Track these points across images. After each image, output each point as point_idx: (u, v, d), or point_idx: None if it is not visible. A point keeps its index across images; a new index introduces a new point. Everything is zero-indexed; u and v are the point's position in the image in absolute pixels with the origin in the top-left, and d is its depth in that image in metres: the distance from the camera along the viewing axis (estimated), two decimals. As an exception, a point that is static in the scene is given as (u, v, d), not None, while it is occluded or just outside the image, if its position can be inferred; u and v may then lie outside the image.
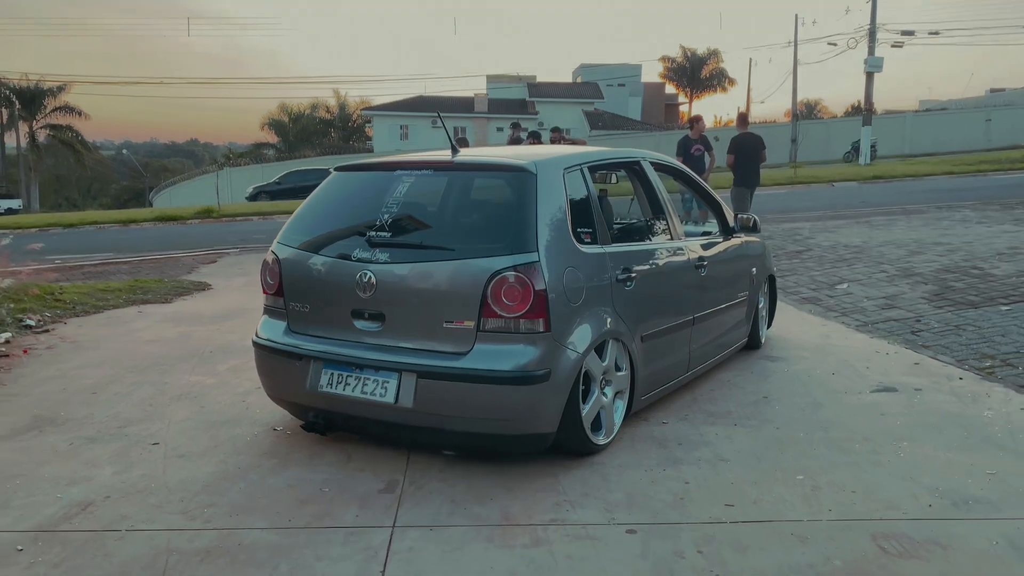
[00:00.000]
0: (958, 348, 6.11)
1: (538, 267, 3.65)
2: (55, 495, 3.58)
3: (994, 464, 3.88)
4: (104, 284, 9.62)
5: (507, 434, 3.72)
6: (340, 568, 2.91)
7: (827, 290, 8.61)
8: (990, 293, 7.64)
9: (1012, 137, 43.87)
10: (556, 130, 14.03)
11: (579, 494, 3.54)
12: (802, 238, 12.40)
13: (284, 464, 3.95)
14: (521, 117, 48.95)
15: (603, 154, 4.80)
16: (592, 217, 4.18)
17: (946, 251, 10.07)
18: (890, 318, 7.18)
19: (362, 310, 3.91)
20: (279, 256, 4.27)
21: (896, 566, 2.91)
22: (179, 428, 4.48)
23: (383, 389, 3.77)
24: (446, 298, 3.75)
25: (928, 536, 3.14)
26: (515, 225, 3.79)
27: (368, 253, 3.92)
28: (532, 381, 3.61)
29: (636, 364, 4.26)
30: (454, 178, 4.49)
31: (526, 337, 3.64)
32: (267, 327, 4.31)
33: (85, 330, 7.19)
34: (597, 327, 3.92)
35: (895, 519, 3.30)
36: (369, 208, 4.17)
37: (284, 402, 4.32)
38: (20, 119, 57.76)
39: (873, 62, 39.06)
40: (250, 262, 12.52)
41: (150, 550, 3.07)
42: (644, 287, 4.35)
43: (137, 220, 23.99)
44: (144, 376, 5.57)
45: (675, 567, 2.90)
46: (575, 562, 2.95)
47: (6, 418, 4.65)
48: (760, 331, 6.21)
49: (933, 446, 4.14)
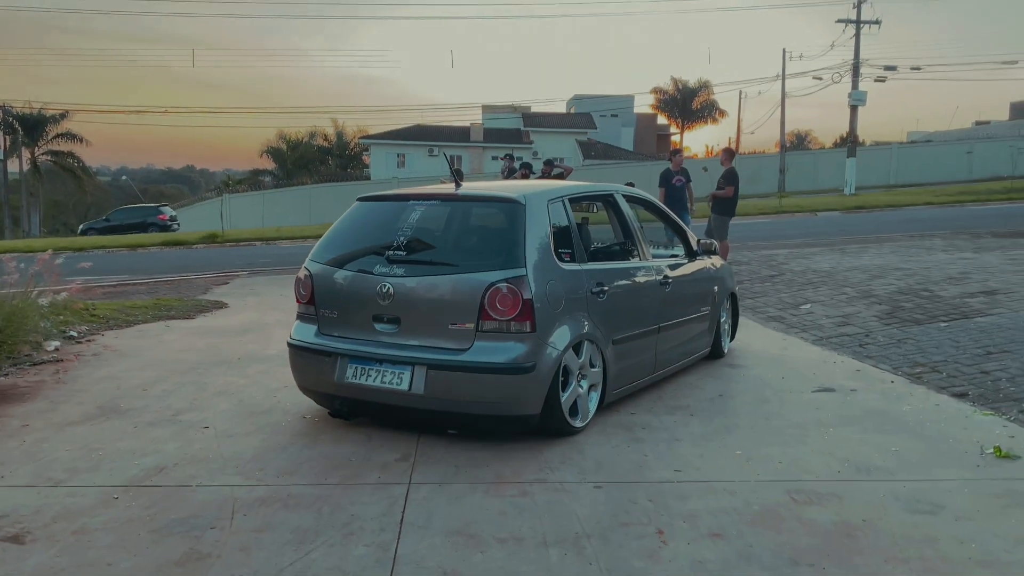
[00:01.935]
0: (896, 358, 6.99)
1: (526, 280, 4.53)
2: (134, 462, 4.41)
3: (899, 444, 4.74)
4: (130, 302, 10.46)
5: (500, 415, 4.58)
6: (370, 510, 3.75)
7: (792, 310, 9.49)
8: (934, 312, 8.53)
9: (994, 168, 45.04)
10: (548, 163, 15.01)
11: (558, 461, 4.39)
12: (776, 263, 13.29)
13: (315, 442, 4.79)
14: (516, 146, 50.14)
15: (582, 188, 5.72)
16: (571, 240, 5.07)
17: (904, 275, 10.97)
18: (843, 333, 8.06)
19: (381, 315, 4.78)
20: (311, 271, 5.13)
21: (800, 510, 3.76)
22: (224, 416, 5.32)
23: (399, 379, 4.62)
24: (451, 305, 4.62)
25: (831, 491, 3.99)
26: (507, 246, 4.68)
27: (387, 268, 4.80)
28: (521, 372, 4.48)
29: (608, 362, 5.12)
30: (457, 207, 5.37)
31: (516, 336, 4.51)
32: (300, 330, 5.17)
33: (122, 341, 8.02)
34: (574, 330, 4.79)
35: (808, 480, 4.15)
36: (387, 231, 5.05)
37: (313, 393, 5.16)
38: (23, 145, 58.61)
39: (857, 96, 40.32)
40: (260, 284, 13.38)
41: (218, 498, 3.90)
42: (615, 299, 5.22)
43: (145, 245, 24.86)
44: (185, 377, 6.41)
45: (629, 509, 3.75)
46: (552, 506, 3.79)
47: (77, 408, 5.49)
48: (723, 342, 7.07)
49: (853, 431, 4.99)
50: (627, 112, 63.08)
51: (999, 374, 6.22)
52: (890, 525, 3.60)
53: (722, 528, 3.55)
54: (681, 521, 3.62)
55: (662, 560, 3.25)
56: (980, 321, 7.94)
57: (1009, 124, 61.43)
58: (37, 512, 3.73)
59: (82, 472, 4.27)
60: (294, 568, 3.17)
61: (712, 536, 3.47)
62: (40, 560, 3.25)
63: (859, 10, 39.91)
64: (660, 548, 3.36)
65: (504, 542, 3.41)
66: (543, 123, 57.83)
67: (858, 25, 39.89)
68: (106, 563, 3.23)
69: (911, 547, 3.38)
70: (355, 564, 3.21)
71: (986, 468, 4.35)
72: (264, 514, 3.71)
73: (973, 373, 6.33)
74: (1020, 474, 4.25)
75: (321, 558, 3.25)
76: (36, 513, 3.72)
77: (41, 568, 3.18)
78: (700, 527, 3.56)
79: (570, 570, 3.16)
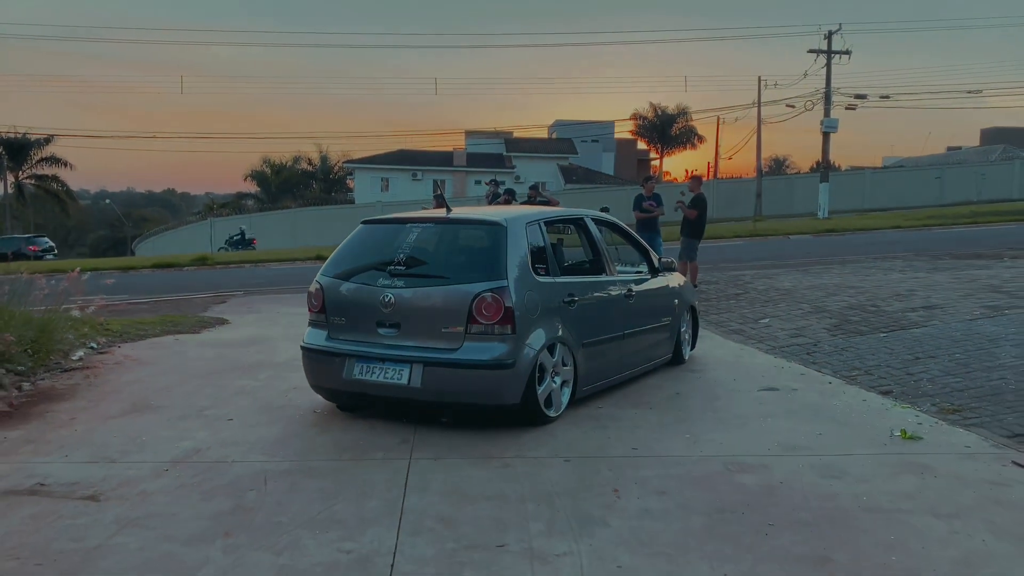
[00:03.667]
0: (838, 363, 7.87)
1: (507, 290, 5.37)
2: (174, 445, 5.19)
3: (824, 430, 5.59)
4: (139, 319, 11.20)
5: (486, 404, 5.41)
6: (379, 477, 4.56)
7: (752, 324, 10.38)
8: (877, 324, 9.45)
9: (964, 193, 46.43)
10: (533, 188, 16.00)
11: (534, 443, 5.21)
12: (743, 283, 14.21)
13: (327, 430, 5.59)
14: (498, 171, 51.09)
15: (556, 212, 6.62)
16: (546, 257, 5.93)
17: (856, 293, 11.90)
18: (795, 343, 8.94)
19: (384, 320, 5.60)
20: (322, 284, 5.95)
21: (732, 476, 4.60)
22: (244, 411, 6.10)
23: (399, 375, 5.43)
24: (443, 311, 5.45)
25: (760, 463, 4.83)
26: (491, 262, 5.53)
27: (388, 281, 5.63)
28: (503, 367, 5.30)
29: (578, 363, 5.96)
30: (448, 229, 6.21)
31: (499, 338, 5.34)
32: (312, 335, 5.97)
33: (138, 352, 8.77)
34: (549, 334, 5.63)
35: (742, 455, 4.99)
36: (388, 249, 5.88)
37: (324, 389, 5.96)
38: (8, 169, 58.98)
39: (829, 123, 41.70)
40: (257, 302, 14.12)
41: (251, 471, 4.69)
42: (584, 308, 6.07)
43: (136, 267, 25.49)
44: (204, 381, 7.18)
45: (592, 476, 4.58)
46: (529, 474, 4.61)
47: (114, 405, 6.26)
48: (683, 350, 7.92)
49: (788, 421, 5.84)
50: (607, 138, 64.38)
51: (922, 375, 7.12)
52: (803, 485, 4.45)
53: (667, 488, 4.38)
54: (634, 484, 4.45)
55: (616, 509, 4.08)
56: (915, 332, 8.85)
57: (979, 150, 63.28)
58: (103, 480, 4.51)
59: (132, 453, 5.05)
60: (322, 515, 3.97)
61: (658, 493, 4.30)
62: (117, 513, 4.03)
63: (830, 41, 41.39)
64: (615, 501, 4.19)
65: (490, 499, 4.22)
66: (525, 148, 58.96)
67: (829, 55, 41.34)
68: (171, 513, 4.01)
69: (815, 500, 4.23)
70: (371, 513, 4.01)
71: (891, 446, 5.21)
72: (291, 481, 4.51)
73: (900, 375, 7.22)
74: (917, 450, 5.11)
75: (343, 508, 4.06)
76: (103, 481, 4.50)
77: (119, 518, 3.96)
78: (649, 487, 4.39)
79: (543, 516, 3.98)
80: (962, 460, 4.94)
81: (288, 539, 3.71)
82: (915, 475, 4.65)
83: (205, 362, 8.14)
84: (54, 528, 3.85)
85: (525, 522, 3.91)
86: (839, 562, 3.50)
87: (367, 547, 3.62)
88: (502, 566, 3.44)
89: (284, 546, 3.63)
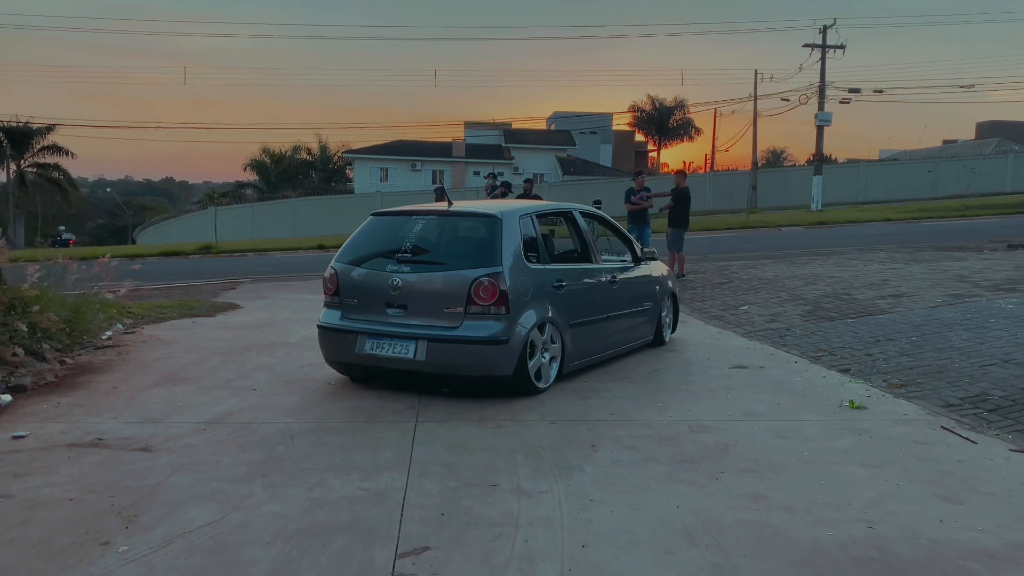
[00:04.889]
0: (806, 346, 8.59)
1: (502, 276, 6.08)
2: (208, 409, 5.91)
3: (782, 400, 6.32)
4: (156, 303, 11.91)
5: (482, 375, 6.13)
6: (390, 434, 5.28)
7: (732, 310, 11.09)
8: (846, 311, 10.17)
9: (957, 187, 47.16)
10: (528, 181, 16.75)
11: (525, 409, 5.94)
12: (729, 273, 14.93)
13: (342, 398, 6.31)
14: (496, 162, 51.74)
15: (547, 206, 7.33)
16: (537, 246, 6.64)
17: (834, 282, 12.62)
18: (769, 328, 9.67)
19: (392, 302, 6.30)
20: (336, 270, 6.65)
21: (694, 435, 5.33)
22: (265, 382, 6.82)
23: (406, 350, 6.15)
24: (445, 294, 6.16)
25: (719, 426, 5.56)
26: (488, 250, 6.24)
27: (396, 267, 6.33)
28: (498, 343, 6.02)
29: (565, 341, 6.68)
30: (449, 220, 6.91)
31: (494, 317, 6.06)
32: (328, 315, 6.68)
33: (161, 332, 9.48)
34: (539, 314, 6.35)
35: (705, 420, 5.72)
36: (396, 239, 6.59)
37: (338, 363, 6.68)
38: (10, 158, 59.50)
39: (823, 117, 42.35)
40: (265, 289, 14.82)
41: (278, 430, 5.41)
42: (571, 293, 6.79)
43: (143, 255, 26.16)
44: (226, 357, 7.89)
45: (573, 434, 5.31)
46: (519, 433, 5.33)
47: (148, 377, 6.97)
48: (664, 332, 8.64)
49: (752, 393, 6.56)
50: (605, 129, 64.95)
51: (879, 356, 7.84)
52: (754, 443, 5.18)
53: (637, 444, 5.11)
54: (609, 441, 5.18)
55: (592, 459, 4.81)
56: (880, 317, 9.58)
57: (974, 144, 63.93)
58: (151, 436, 5.23)
59: (172, 415, 5.77)
60: (343, 463, 4.70)
61: (629, 448, 5.03)
62: (168, 460, 4.75)
63: (824, 35, 42.02)
64: (592, 453, 4.92)
65: (486, 451, 4.95)
66: (524, 139, 59.51)
67: (823, 50, 41.98)
68: (214, 461, 4.74)
69: (763, 454, 4.95)
70: (385, 461, 4.74)
71: (839, 414, 5.94)
72: (315, 437, 5.23)
73: (860, 356, 7.94)
74: (861, 417, 5.84)
75: (360, 458, 4.79)
76: (151, 437, 5.22)
77: (171, 464, 4.68)
78: (621, 443, 5.12)
79: (530, 464, 4.71)
80: (897, 425, 5.67)
81: (316, 480, 4.43)
82: (854, 436, 5.38)
83: (224, 342, 8.85)
84: (118, 471, 4.57)
85: (515, 468, 4.64)
86: (773, 498, 4.23)
87: (383, 485, 4.35)
88: (494, 499, 4.16)
89: (313, 484, 4.36)
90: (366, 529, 3.79)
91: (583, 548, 3.61)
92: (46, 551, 3.55)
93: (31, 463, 4.71)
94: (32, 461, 4.74)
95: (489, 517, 3.94)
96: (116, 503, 4.10)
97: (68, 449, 4.97)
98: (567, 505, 4.10)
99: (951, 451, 5.09)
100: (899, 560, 3.54)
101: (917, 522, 3.95)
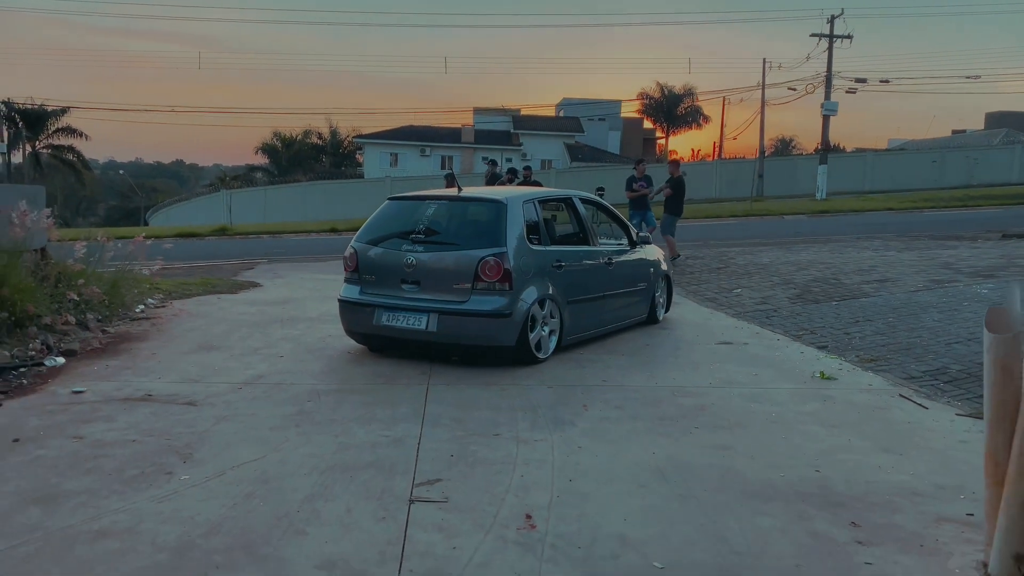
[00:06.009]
0: (790, 325, 9.22)
1: (506, 255, 6.73)
2: (241, 372, 6.60)
3: (759, 371, 6.96)
4: (182, 280, 12.60)
5: (488, 345, 6.80)
6: (405, 394, 5.96)
7: (726, 293, 11.72)
8: (832, 294, 10.79)
9: (963, 177, 47.41)
10: (528, 169, 17.43)
11: (525, 376, 6.60)
12: (727, 259, 15.54)
13: (361, 365, 6.98)
14: (505, 148, 52.27)
15: (548, 192, 7.99)
16: (539, 229, 7.29)
17: (824, 268, 13.23)
18: (758, 309, 10.30)
19: (406, 278, 6.96)
20: (356, 249, 7.31)
21: (675, 399, 5.98)
22: (291, 351, 7.50)
23: (419, 322, 6.81)
24: (455, 271, 6.82)
25: (700, 392, 6.21)
26: (493, 232, 6.89)
27: (411, 247, 6.99)
28: (502, 316, 6.68)
29: (564, 316, 7.33)
30: (459, 205, 7.56)
31: (499, 293, 6.71)
32: (348, 290, 7.35)
33: (189, 307, 10.17)
34: (540, 291, 7.00)
35: (687, 387, 6.37)
36: (410, 221, 7.25)
37: (357, 334, 7.35)
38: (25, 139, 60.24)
39: (829, 106, 42.81)
40: (282, 269, 15.49)
41: (306, 390, 6.09)
42: (570, 272, 7.44)
43: (160, 236, 26.86)
44: (252, 330, 8.57)
45: (568, 396, 5.98)
46: (520, 395, 6.00)
47: (184, 345, 7.66)
48: (658, 311, 9.28)
49: (733, 365, 7.21)
50: (614, 116, 65.36)
51: (856, 334, 8.47)
52: (729, 405, 5.83)
53: (624, 405, 5.77)
54: (599, 402, 5.85)
55: (583, 416, 5.47)
56: (863, 300, 10.20)
57: (981, 134, 64.08)
58: (194, 393, 5.91)
59: (210, 377, 6.45)
60: (365, 416, 5.38)
61: (616, 408, 5.70)
62: (212, 412, 5.44)
63: (832, 25, 42.43)
64: (583, 411, 5.58)
65: (490, 408, 5.63)
66: (532, 126, 59.95)
67: (831, 39, 42.38)
68: (251, 413, 5.42)
69: (735, 415, 5.61)
70: (401, 415, 5.42)
71: (809, 383, 6.58)
72: (339, 396, 5.91)
73: (839, 335, 8.57)
74: (829, 387, 6.48)
75: (381, 412, 5.47)
76: (194, 394, 5.90)
77: (215, 415, 5.37)
78: (610, 404, 5.78)
79: (528, 419, 5.38)
80: (861, 393, 6.31)
81: (342, 428, 5.12)
82: (819, 402, 6.03)
83: (249, 316, 9.53)
84: (169, 420, 5.26)
85: (515, 422, 5.31)
86: (737, 448, 4.89)
87: (400, 433, 5.03)
88: (496, 445, 4.84)
89: (339, 432, 5.04)
90: (387, 465, 4.46)
91: (570, 482, 4.28)
92: (120, 478, 4.24)
93: (93, 412, 5.40)
94: (94, 411, 5.43)
95: (492, 458, 4.61)
96: (172, 444, 4.78)
97: (123, 403, 5.66)
98: (559, 451, 4.77)
99: (903, 415, 5.73)
100: (837, 495, 4.20)
101: (859, 468, 4.60)
